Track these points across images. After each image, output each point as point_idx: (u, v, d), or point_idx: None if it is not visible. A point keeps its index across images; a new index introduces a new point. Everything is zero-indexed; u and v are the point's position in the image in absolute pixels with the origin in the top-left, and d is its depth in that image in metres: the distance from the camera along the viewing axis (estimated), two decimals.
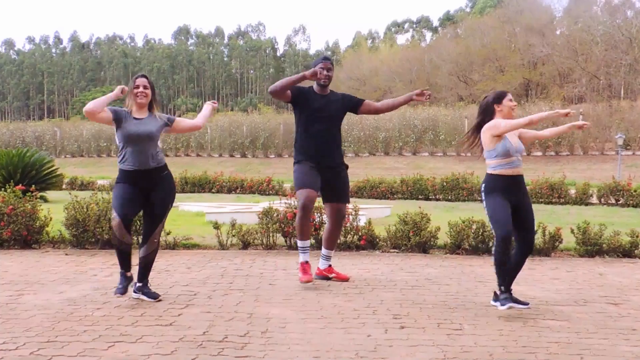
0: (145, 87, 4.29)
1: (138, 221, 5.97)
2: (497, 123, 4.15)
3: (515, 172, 4.16)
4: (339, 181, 4.97)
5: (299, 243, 4.83)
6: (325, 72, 4.88)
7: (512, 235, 4.10)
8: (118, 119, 4.24)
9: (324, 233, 5.21)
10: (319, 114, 4.88)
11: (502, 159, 4.14)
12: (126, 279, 4.25)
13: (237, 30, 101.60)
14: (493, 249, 4.13)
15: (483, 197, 4.23)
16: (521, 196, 4.19)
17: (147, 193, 4.28)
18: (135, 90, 4.27)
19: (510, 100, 4.27)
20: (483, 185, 4.26)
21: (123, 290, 4.20)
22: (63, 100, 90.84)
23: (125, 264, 4.26)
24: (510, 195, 4.14)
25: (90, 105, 4.13)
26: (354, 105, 5.06)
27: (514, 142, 4.18)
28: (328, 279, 5.05)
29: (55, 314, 3.86)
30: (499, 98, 4.27)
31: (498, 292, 4.09)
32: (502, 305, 4.00)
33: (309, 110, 4.90)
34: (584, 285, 4.98)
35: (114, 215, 4.15)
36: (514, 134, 4.26)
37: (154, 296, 4.27)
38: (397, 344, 3.34)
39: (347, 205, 5.13)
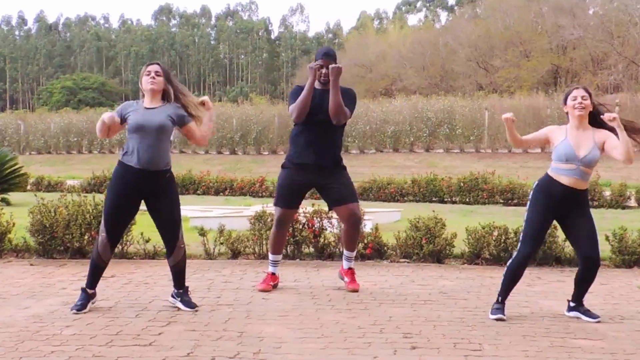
0: (157, 73, 4.36)
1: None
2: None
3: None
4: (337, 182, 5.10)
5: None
6: (324, 71, 4.97)
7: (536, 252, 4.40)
8: (124, 115, 4.34)
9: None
10: (315, 111, 4.95)
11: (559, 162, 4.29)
12: (87, 297, 4.41)
13: (226, 10, 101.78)
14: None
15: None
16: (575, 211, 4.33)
17: (151, 199, 4.38)
18: (146, 77, 4.34)
19: (574, 97, 4.31)
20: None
21: (81, 307, 4.33)
22: (28, 89, 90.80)
23: (93, 281, 4.45)
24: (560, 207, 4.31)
25: (98, 132, 4.31)
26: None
27: (580, 147, 4.22)
28: (342, 279, 5.25)
29: (19, 333, 3.86)
30: (565, 97, 4.43)
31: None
32: (491, 314, 4.34)
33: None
34: (621, 299, 4.99)
35: (102, 230, 4.34)
36: (588, 138, 4.26)
37: (191, 306, 4.44)
38: None
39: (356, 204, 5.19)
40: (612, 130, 4.22)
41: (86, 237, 6.47)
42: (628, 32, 42.47)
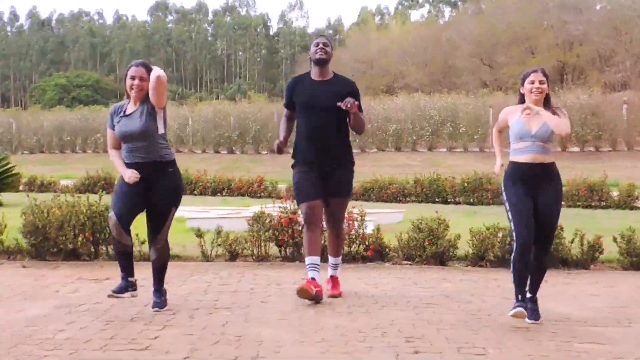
0: (141, 79, 4.40)
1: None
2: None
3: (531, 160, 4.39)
4: (334, 177, 5.00)
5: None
6: (320, 45, 4.97)
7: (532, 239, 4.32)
8: (113, 124, 4.50)
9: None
10: (314, 104, 4.90)
11: (515, 143, 4.47)
12: (126, 283, 4.46)
13: (224, 5, 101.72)
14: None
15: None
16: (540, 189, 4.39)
17: (148, 189, 4.43)
18: (130, 82, 4.41)
19: (532, 82, 4.44)
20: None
21: (118, 290, 4.41)
22: (20, 86, 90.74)
23: (125, 267, 4.48)
24: (529, 188, 4.38)
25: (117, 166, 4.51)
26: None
27: (532, 125, 4.39)
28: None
29: (12, 336, 3.86)
30: (523, 79, 4.54)
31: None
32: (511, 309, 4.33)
33: (301, 101, 4.99)
34: (629, 302, 4.98)
35: (111, 214, 4.42)
36: (540, 117, 4.39)
37: (157, 305, 4.50)
38: None
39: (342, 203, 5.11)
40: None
41: (80, 238, 6.46)
42: (636, 29, 42.42)
